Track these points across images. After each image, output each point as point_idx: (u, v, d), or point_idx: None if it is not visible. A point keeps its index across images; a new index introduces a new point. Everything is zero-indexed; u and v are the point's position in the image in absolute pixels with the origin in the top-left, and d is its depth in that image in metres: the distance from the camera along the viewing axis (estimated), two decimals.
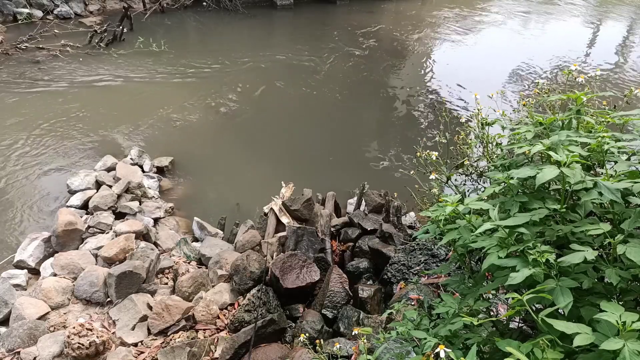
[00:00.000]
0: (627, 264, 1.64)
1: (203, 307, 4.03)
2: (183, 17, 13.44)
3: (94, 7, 13.01)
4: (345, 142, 7.70)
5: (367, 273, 4.42)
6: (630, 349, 1.32)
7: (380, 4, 15.58)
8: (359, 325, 3.61)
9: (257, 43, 11.84)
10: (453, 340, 1.90)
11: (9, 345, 3.67)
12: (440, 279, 3.58)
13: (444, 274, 3.46)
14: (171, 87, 9.09)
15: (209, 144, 7.43)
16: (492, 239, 1.84)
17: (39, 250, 4.75)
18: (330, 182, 6.36)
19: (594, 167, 2.08)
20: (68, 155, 6.79)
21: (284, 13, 14.44)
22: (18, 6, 11.76)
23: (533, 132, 2.17)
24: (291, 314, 4.00)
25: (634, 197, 1.80)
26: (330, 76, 10.20)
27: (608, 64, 11.49)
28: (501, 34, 13.94)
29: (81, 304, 4.18)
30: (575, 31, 14.47)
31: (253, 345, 3.49)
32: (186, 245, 5.03)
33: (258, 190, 6.05)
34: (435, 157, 3.19)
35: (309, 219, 5.15)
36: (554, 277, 1.64)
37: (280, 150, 7.39)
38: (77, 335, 3.57)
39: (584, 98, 2.16)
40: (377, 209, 5.35)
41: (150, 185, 6.13)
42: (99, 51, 10.40)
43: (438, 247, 4.03)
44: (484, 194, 2.13)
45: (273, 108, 8.77)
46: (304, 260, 4.19)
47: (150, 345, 3.79)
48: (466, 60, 11.59)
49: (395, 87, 10.02)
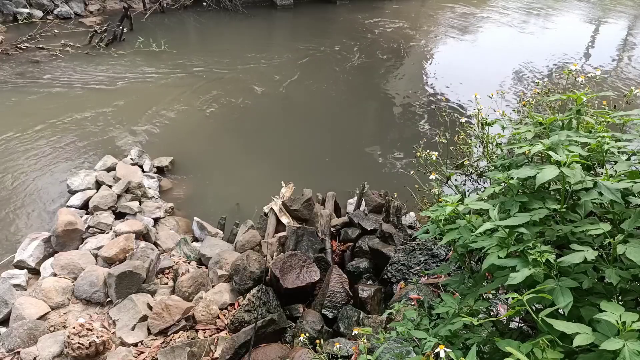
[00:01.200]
0: (627, 264, 1.64)
1: (203, 307, 4.03)
2: (183, 17, 13.45)
3: (94, 7, 13.02)
4: (345, 142, 7.70)
5: (367, 273, 4.42)
6: (630, 349, 1.31)
7: (380, 4, 15.59)
8: (359, 325, 3.61)
9: (257, 43, 11.84)
10: (453, 340, 1.90)
11: (9, 345, 3.67)
12: (440, 279, 3.58)
13: (444, 274, 3.46)
14: (171, 87, 9.10)
15: (209, 144, 7.43)
16: (492, 239, 1.84)
17: (39, 250, 4.75)
18: (330, 182, 6.36)
19: (594, 167, 2.08)
20: (68, 155, 6.79)
21: (284, 13, 14.44)
22: (18, 6, 11.76)
23: (533, 132, 2.17)
24: (291, 314, 4.00)
25: (634, 197, 1.80)
26: (330, 76, 10.20)
27: (608, 64, 11.49)
28: (501, 34, 13.95)
29: (81, 304, 4.18)
30: (576, 31, 14.47)
31: (253, 345, 3.49)
32: (186, 245, 5.03)
33: (258, 190, 6.05)
34: (435, 157, 3.19)
35: (309, 219, 5.15)
36: (554, 277, 1.64)
37: (281, 150, 7.39)
38: (77, 335, 3.57)
39: (584, 98, 2.16)
40: (377, 209, 5.35)
41: (150, 185, 6.13)
42: (99, 51, 10.40)
43: (438, 247, 4.03)
44: (484, 194, 2.12)
45: (273, 108, 8.77)
46: (304, 260, 4.19)
47: (150, 345, 3.79)
48: (466, 60, 11.59)
49: (395, 87, 10.02)
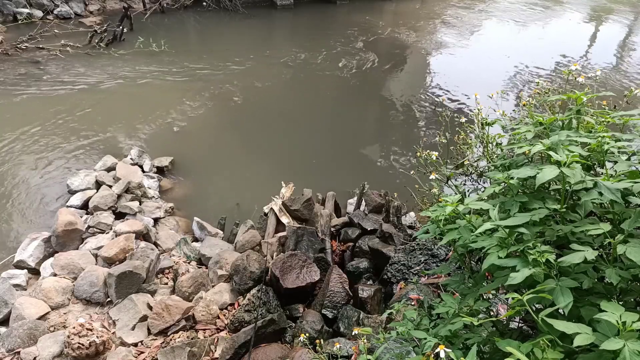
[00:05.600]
0: (627, 264, 1.64)
1: (203, 307, 4.03)
2: (183, 17, 13.45)
3: (94, 7, 13.02)
4: (345, 142, 7.70)
5: (367, 273, 4.42)
6: (630, 349, 1.31)
7: (380, 4, 15.59)
8: (359, 325, 3.61)
9: (257, 43, 11.85)
10: (453, 340, 1.90)
11: (9, 345, 3.67)
12: (440, 279, 3.58)
13: (444, 274, 3.46)
14: (171, 87, 9.10)
15: (209, 144, 7.43)
16: (492, 239, 1.84)
17: (39, 250, 4.75)
18: (330, 182, 6.37)
19: (594, 167, 2.08)
20: (68, 155, 6.79)
21: (284, 13, 14.44)
22: (18, 6, 11.76)
23: (533, 132, 2.17)
24: (291, 314, 4.00)
25: (634, 197, 1.80)
26: (330, 76, 10.20)
27: (608, 64, 11.49)
28: (501, 34, 13.95)
29: (81, 304, 4.18)
30: (576, 31, 14.47)
31: (253, 345, 3.49)
32: (186, 245, 5.03)
33: (258, 190, 6.05)
34: (435, 157, 3.19)
35: (309, 219, 5.15)
36: (554, 277, 1.64)
37: (281, 150, 7.39)
38: (77, 335, 3.57)
39: (584, 98, 2.16)
40: (377, 209, 5.35)
41: (150, 185, 6.13)
42: (99, 51, 10.40)
43: (438, 247, 4.03)
44: (484, 194, 2.12)
45: (274, 108, 8.77)
46: (304, 260, 4.19)
47: (150, 345, 3.79)
48: (466, 60, 11.59)
49: (395, 86, 10.03)
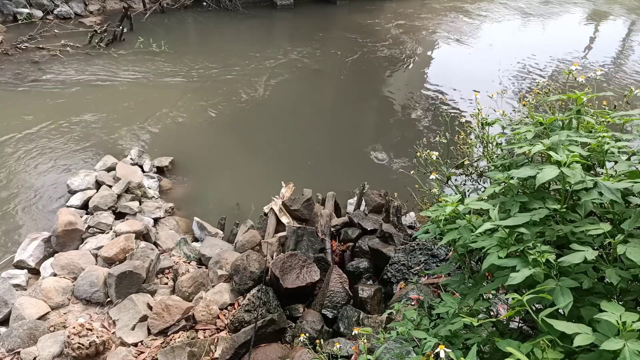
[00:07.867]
0: (627, 264, 1.63)
1: (203, 307, 4.03)
2: (183, 17, 13.45)
3: (94, 7, 13.02)
4: (345, 142, 7.70)
5: (367, 273, 4.42)
6: (630, 349, 1.31)
7: (379, 4, 15.59)
8: (359, 325, 3.61)
9: (257, 43, 11.84)
10: (453, 340, 1.90)
11: (9, 345, 3.67)
12: (440, 279, 3.58)
13: (444, 274, 3.46)
14: (171, 87, 9.10)
15: (209, 144, 7.43)
16: (492, 239, 1.84)
17: (39, 250, 4.74)
18: (330, 182, 6.36)
19: (594, 167, 2.08)
20: (68, 155, 6.79)
21: (284, 13, 14.44)
22: (18, 6, 11.76)
23: (533, 132, 2.17)
24: (291, 314, 4.00)
25: (634, 197, 1.80)
26: (330, 76, 10.20)
27: (608, 64, 11.49)
28: (501, 34, 13.95)
29: (81, 304, 4.18)
30: (576, 31, 14.47)
31: (253, 345, 3.49)
32: (186, 245, 5.02)
33: (258, 190, 6.05)
34: (435, 157, 3.19)
35: (309, 219, 5.15)
36: (554, 277, 1.64)
37: (281, 150, 7.39)
38: (77, 335, 3.56)
39: (584, 98, 2.16)
40: (377, 209, 5.35)
41: (150, 185, 6.13)
42: (99, 51, 10.40)
43: (438, 247, 4.03)
44: (484, 194, 2.12)
45: (274, 108, 8.77)
46: (304, 260, 4.19)
47: (150, 345, 3.79)
48: (466, 60, 11.58)
49: (395, 86, 10.02)
